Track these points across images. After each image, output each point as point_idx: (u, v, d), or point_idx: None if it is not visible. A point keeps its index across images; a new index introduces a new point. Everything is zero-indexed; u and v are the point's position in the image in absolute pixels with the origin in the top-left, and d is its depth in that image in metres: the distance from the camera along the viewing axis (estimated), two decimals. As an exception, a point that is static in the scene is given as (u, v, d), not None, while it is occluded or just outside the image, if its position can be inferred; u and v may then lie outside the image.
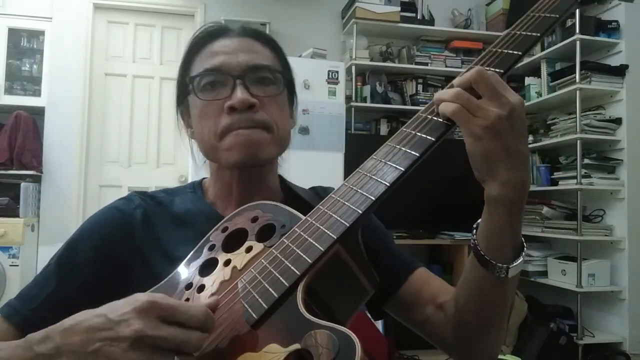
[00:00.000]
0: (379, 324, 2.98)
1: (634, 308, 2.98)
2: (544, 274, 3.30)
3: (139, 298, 0.46)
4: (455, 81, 0.58)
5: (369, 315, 0.83)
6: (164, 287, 0.63)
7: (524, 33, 0.62)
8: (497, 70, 0.59)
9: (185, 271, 0.64)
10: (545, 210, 3.29)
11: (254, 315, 0.51)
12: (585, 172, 3.09)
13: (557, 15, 0.62)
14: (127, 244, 0.72)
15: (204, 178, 0.84)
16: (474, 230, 0.62)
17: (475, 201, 0.65)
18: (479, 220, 0.61)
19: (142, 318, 0.45)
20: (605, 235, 3.08)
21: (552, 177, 3.37)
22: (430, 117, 0.60)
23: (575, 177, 3.09)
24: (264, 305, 0.51)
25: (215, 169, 0.79)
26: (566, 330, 2.95)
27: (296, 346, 0.45)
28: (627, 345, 2.97)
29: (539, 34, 0.61)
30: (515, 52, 0.60)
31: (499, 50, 0.62)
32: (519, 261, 0.59)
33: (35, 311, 0.67)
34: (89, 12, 3.64)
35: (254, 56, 0.74)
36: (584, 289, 2.97)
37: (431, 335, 0.74)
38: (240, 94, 0.70)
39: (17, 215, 3.17)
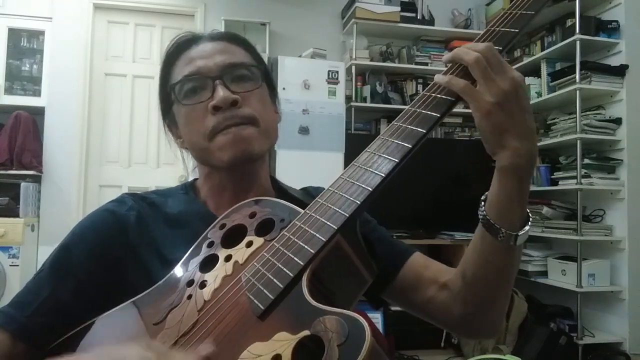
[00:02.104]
0: (379, 324, 2.99)
1: (634, 308, 2.97)
2: (544, 274, 3.30)
3: (130, 356, 0.45)
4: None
5: (369, 315, 0.83)
6: (163, 286, 0.64)
7: (520, 12, 0.66)
8: (497, 47, 0.62)
9: (184, 269, 0.64)
10: (545, 210, 3.28)
11: (260, 306, 0.52)
12: (585, 172, 3.09)
13: (533, 12, 0.66)
14: (122, 246, 0.71)
15: (195, 179, 0.84)
16: (482, 203, 0.64)
17: (475, 201, 0.65)
18: (487, 193, 0.64)
19: None
20: (605, 235, 3.08)
21: (552, 177, 3.37)
22: (421, 111, 0.63)
23: (575, 177, 3.08)
24: (270, 296, 0.52)
25: (206, 171, 0.79)
26: (566, 330, 2.95)
27: (306, 332, 0.45)
28: (627, 345, 2.97)
29: (533, 11, 0.65)
30: (513, 30, 0.64)
31: (498, 29, 0.66)
32: (527, 229, 0.62)
33: (30, 318, 0.66)
34: (89, 12, 3.64)
35: (229, 56, 0.76)
36: (584, 289, 2.97)
37: (435, 314, 0.75)
38: (221, 92, 0.71)
39: (17, 215, 3.18)
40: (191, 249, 0.66)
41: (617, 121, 3.10)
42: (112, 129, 3.73)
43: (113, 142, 3.73)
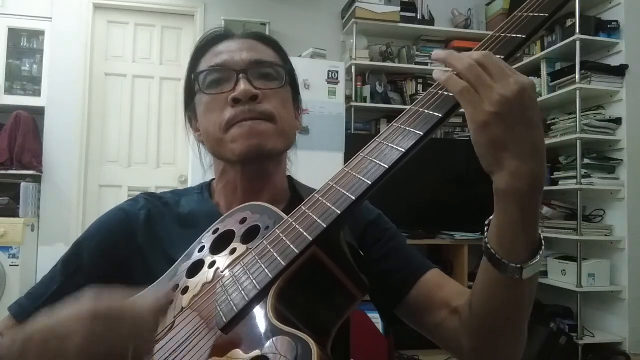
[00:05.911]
0: (379, 324, 2.98)
1: (634, 308, 2.97)
2: (544, 274, 3.29)
3: (82, 309, 0.46)
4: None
5: (369, 315, 0.83)
6: (155, 288, 0.64)
7: (531, 14, 0.56)
8: (499, 56, 0.55)
9: (176, 272, 0.65)
10: (545, 210, 3.28)
11: (224, 319, 0.51)
12: (585, 172, 3.08)
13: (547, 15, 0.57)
14: (129, 244, 0.73)
15: (213, 179, 0.84)
16: (486, 228, 0.57)
17: (475, 201, 0.65)
18: (492, 217, 0.56)
19: (84, 332, 0.44)
20: (605, 235, 3.08)
21: (552, 177, 3.36)
22: (423, 111, 0.57)
23: (575, 177, 3.08)
24: (234, 309, 0.51)
25: (221, 169, 0.79)
26: (566, 330, 2.94)
27: (257, 353, 0.45)
28: (627, 345, 2.96)
29: (547, 15, 0.56)
30: (519, 36, 0.55)
31: (502, 35, 0.57)
32: (535, 261, 0.54)
33: (39, 309, 0.68)
34: (89, 12, 3.64)
35: (256, 53, 0.76)
36: (584, 289, 2.97)
37: (445, 341, 0.70)
38: (243, 86, 0.71)
39: (17, 215, 3.18)
40: (185, 252, 0.66)
41: (617, 121, 3.09)
42: (112, 129, 3.73)
43: (113, 142, 3.73)
